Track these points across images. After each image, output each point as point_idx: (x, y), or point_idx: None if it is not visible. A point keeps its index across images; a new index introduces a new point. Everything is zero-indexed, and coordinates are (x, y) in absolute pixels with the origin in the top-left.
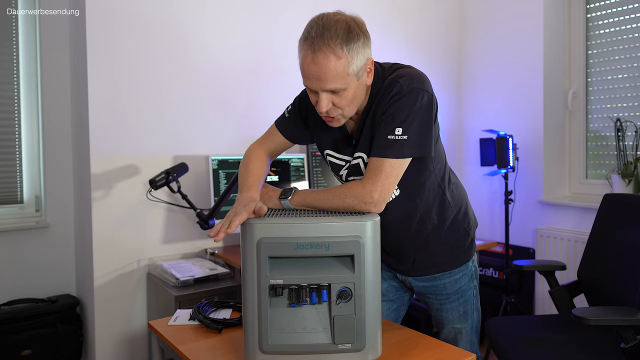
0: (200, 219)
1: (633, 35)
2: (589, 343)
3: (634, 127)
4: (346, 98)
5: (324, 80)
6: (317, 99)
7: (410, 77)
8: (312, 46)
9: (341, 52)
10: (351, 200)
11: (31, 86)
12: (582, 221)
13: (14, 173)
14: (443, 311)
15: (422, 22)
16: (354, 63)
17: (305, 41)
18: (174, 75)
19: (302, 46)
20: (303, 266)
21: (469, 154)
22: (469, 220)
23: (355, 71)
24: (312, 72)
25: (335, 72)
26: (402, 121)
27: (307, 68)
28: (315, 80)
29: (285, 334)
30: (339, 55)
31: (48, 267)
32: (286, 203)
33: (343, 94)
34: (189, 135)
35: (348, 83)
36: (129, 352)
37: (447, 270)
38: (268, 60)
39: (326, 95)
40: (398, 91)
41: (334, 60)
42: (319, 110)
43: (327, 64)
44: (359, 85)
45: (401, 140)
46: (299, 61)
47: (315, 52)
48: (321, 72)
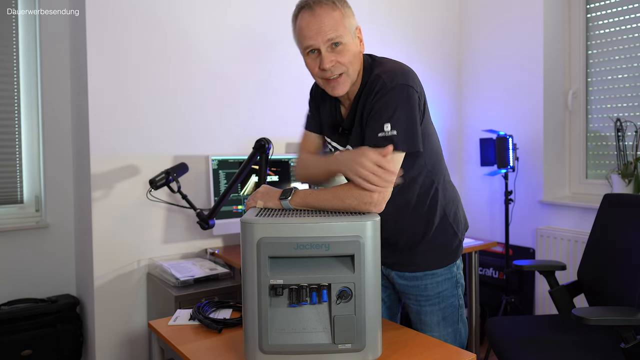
0: (200, 219)
1: (633, 35)
2: (589, 343)
3: (634, 127)
4: (347, 54)
5: (324, 30)
6: (320, 60)
7: (394, 73)
8: (309, 6)
9: (335, 6)
10: (351, 200)
11: (31, 86)
12: (582, 221)
13: (14, 173)
14: (421, 314)
15: (422, 22)
16: (348, 20)
17: (301, 9)
18: (174, 75)
19: (297, 14)
20: (303, 266)
21: (469, 154)
22: (458, 221)
23: (350, 28)
24: (312, 27)
25: (334, 20)
26: (390, 117)
27: (306, 26)
28: (315, 33)
29: (285, 334)
30: (335, 7)
31: (48, 267)
32: (286, 203)
33: (343, 50)
34: (189, 135)
35: (346, 36)
36: (129, 352)
37: (430, 270)
38: (268, 60)
39: (328, 52)
40: (381, 87)
41: (331, 11)
42: (322, 67)
43: (325, 12)
44: (355, 46)
45: (392, 136)
46: (296, 31)
47: (313, 7)
48: (321, 21)
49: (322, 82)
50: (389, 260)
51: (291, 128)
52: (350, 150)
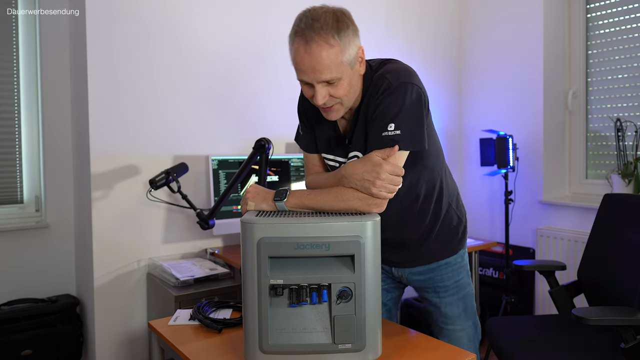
0: (200, 219)
1: (633, 35)
2: (589, 343)
3: (634, 127)
4: (342, 88)
5: (319, 70)
6: (313, 92)
7: (398, 72)
8: (303, 37)
9: (333, 40)
10: (354, 202)
11: (31, 86)
12: (582, 221)
13: (14, 173)
14: (442, 306)
15: (422, 22)
16: (347, 51)
17: (296, 34)
18: (174, 75)
19: (293, 40)
20: (303, 266)
21: (469, 154)
22: (461, 207)
23: (348, 60)
24: (306, 64)
25: (329, 60)
26: (394, 116)
27: (300, 60)
28: (310, 71)
29: (285, 334)
30: (332, 44)
31: (48, 267)
32: (281, 205)
33: (339, 84)
34: (189, 135)
35: (342, 72)
36: (129, 352)
37: (443, 259)
38: (268, 59)
39: (322, 87)
40: (387, 87)
41: (327, 49)
42: (315, 102)
43: (320, 52)
44: (354, 74)
45: (395, 135)
46: (291, 56)
47: (308, 42)
48: (315, 62)
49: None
50: (399, 259)
51: (291, 128)
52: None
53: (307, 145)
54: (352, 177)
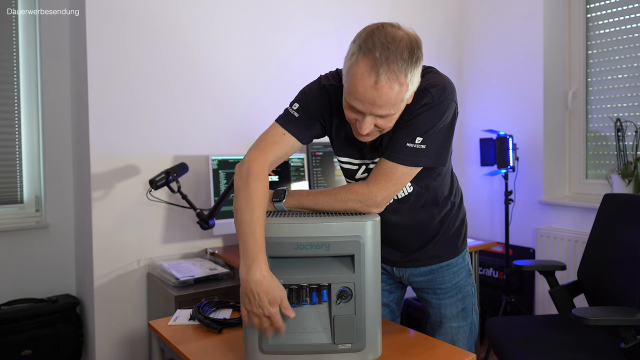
0: (200, 219)
1: (633, 35)
2: (589, 343)
3: (634, 127)
4: (391, 121)
5: (379, 106)
6: (359, 119)
7: (443, 88)
8: (375, 68)
9: (404, 79)
10: (354, 203)
11: (31, 86)
12: (582, 221)
13: (14, 173)
14: (442, 307)
15: (422, 22)
16: (411, 89)
17: (365, 57)
18: (174, 75)
19: (358, 60)
20: (303, 266)
21: (469, 154)
22: (462, 209)
23: (407, 95)
24: (368, 97)
25: (394, 100)
26: (426, 131)
27: (362, 91)
28: (368, 104)
29: (285, 334)
30: (402, 83)
31: (48, 267)
32: (280, 206)
33: (390, 117)
34: (189, 135)
35: (399, 108)
36: (129, 352)
37: (445, 260)
38: (268, 59)
39: (372, 119)
40: (429, 101)
41: (397, 88)
42: (359, 132)
43: (390, 92)
44: (403, 107)
45: (419, 149)
46: (349, 75)
47: (379, 76)
48: (379, 99)
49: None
50: (401, 259)
51: None
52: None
53: (302, 132)
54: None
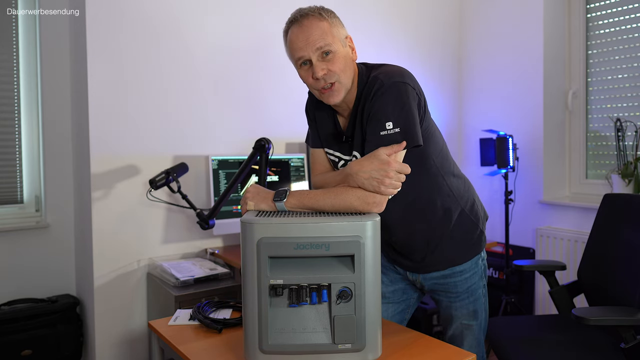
0: (200, 219)
1: (633, 35)
2: (589, 343)
3: (634, 127)
4: (338, 62)
5: (312, 39)
6: (312, 70)
7: (391, 73)
8: (295, 21)
9: (322, 16)
10: (354, 201)
11: (31, 86)
12: (582, 221)
13: (14, 173)
14: (452, 309)
15: (422, 22)
16: (336, 28)
17: (291, 23)
18: (174, 75)
19: (287, 29)
20: (303, 266)
21: (469, 154)
22: (476, 212)
23: (338, 36)
24: (301, 38)
25: (321, 30)
26: (390, 114)
27: (295, 38)
28: (304, 44)
29: (285, 334)
30: (322, 18)
31: (48, 267)
32: (281, 205)
33: (334, 58)
34: (189, 135)
35: (335, 44)
36: (129, 352)
37: (457, 265)
38: (269, 60)
39: (319, 62)
40: (379, 87)
41: (318, 20)
42: (315, 76)
43: (312, 23)
44: (347, 55)
45: (394, 133)
46: (287, 45)
47: (301, 20)
48: (309, 32)
49: (317, 93)
50: (413, 265)
51: (291, 128)
52: (364, 161)
53: (313, 140)
54: (359, 175)
